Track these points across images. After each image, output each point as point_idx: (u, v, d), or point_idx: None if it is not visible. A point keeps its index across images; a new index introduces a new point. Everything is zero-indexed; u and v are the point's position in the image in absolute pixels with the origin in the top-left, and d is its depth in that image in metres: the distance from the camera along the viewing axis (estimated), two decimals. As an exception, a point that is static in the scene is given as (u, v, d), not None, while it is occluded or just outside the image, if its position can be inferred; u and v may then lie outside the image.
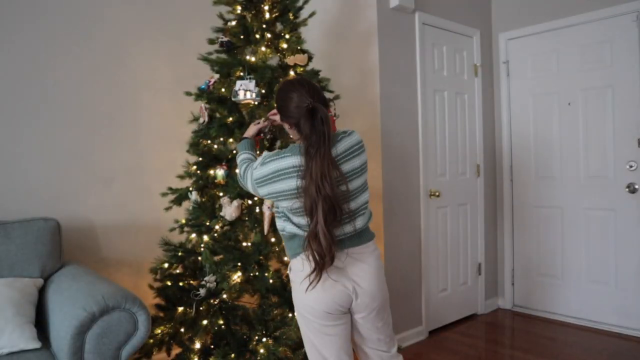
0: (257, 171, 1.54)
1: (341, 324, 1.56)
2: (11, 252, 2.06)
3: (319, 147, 1.40)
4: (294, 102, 1.50)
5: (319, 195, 1.39)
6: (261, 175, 1.52)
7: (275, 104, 1.63)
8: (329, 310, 1.51)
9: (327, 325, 1.54)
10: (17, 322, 1.82)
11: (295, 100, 1.50)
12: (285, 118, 1.56)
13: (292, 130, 1.57)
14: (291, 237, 1.57)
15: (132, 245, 2.72)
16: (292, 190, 1.46)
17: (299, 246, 1.53)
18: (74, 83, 2.55)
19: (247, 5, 2.27)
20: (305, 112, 1.44)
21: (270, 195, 1.53)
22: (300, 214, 1.49)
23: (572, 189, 3.39)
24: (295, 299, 1.62)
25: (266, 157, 1.53)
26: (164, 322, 2.22)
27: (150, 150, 2.81)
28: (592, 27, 3.23)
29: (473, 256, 3.60)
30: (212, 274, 2.08)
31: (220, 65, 2.22)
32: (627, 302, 3.15)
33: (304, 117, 1.44)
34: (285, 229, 1.57)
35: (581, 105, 3.32)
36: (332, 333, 1.55)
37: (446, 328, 3.35)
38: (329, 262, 1.42)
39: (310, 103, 1.46)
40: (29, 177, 2.40)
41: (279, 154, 1.51)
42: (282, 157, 1.49)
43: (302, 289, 1.51)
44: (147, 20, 2.81)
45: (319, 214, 1.39)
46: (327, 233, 1.40)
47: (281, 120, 1.60)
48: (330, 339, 1.55)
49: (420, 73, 3.14)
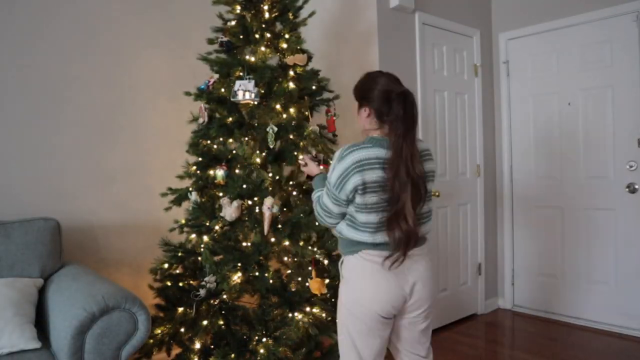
0: (334, 173, 1.51)
1: (387, 328, 1.57)
2: (11, 252, 2.06)
3: (410, 129, 1.44)
4: (380, 85, 1.53)
5: (408, 175, 1.43)
6: (341, 171, 1.48)
7: (356, 89, 1.64)
8: (382, 313, 1.51)
9: (374, 328, 1.53)
10: (17, 322, 1.82)
11: (383, 84, 1.53)
12: (367, 103, 1.57)
13: (369, 117, 1.57)
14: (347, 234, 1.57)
15: (132, 245, 2.72)
16: (378, 181, 1.45)
17: (357, 244, 1.53)
18: (73, 83, 2.55)
19: (246, 5, 2.27)
20: (397, 96, 1.47)
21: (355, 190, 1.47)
22: (374, 209, 1.48)
23: (572, 189, 3.39)
24: (345, 296, 1.58)
25: (343, 152, 1.51)
26: (164, 322, 2.22)
27: (150, 151, 2.81)
28: (592, 27, 3.23)
29: (473, 256, 3.60)
30: (212, 274, 2.08)
31: (219, 65, 2.22)
32: (627, 302, 3.15)
33: (396, 101, 1.46)
34: (341, 232, 1.58)
35: (581, 105, 3.32)
36: (377, 336, 1.55)
37: (446, 328, 3.35)
38: (413, 243, 1.46)
39: (403, 88, 1.51)
40: (29, 177, 2.40)
41: (358, 145, 1.50)
42: (362, 147, 1.49)
43: (358, 288, 1.53)
44: (146, 20, 2.81)
45: (407, 193, 1.43)
46: (414, 213, 1.44)
47: (360, 107, 1.61)
48: (374, 341, 1.55)
49: (420, 73, 3.14)
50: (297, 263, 2.24)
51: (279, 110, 2.17)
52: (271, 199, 2.06)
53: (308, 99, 2.29)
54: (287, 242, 2.12)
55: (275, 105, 2.14)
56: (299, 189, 2.31)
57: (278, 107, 2.15)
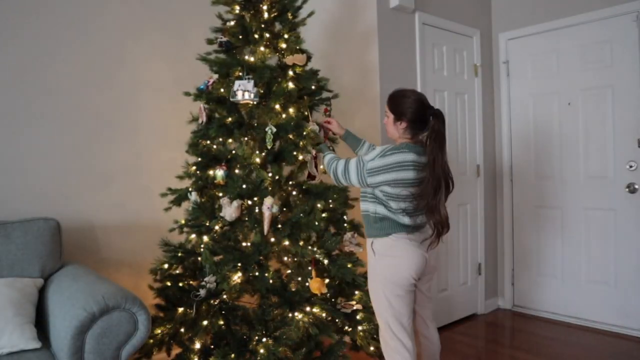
0: (373, 162, 1.84)
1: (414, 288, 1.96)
2: (11, 252, 2.06)
3: (444, 142, 1.85)
4: (417, 103, 1.89)
5: (442, 176, 1.82)
6: (379, 165, 1.82)
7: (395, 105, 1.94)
8: (415, 276, 1.88)
9: (407, 290, 1.90)
10: (17, 322, 1.82)
11: (422, 106, 1.90)
12: (403, 117, 1.90)
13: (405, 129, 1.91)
14: (381, 219, 1.90)
15: (132, 246, 2.73)
16: (409, 179, 1.82)
17: (390, 227, 1.89)
18: (73, 83, 2.55)
19: (245, 5, 2.27)
20: (434, 113, 1.87)
21: (385, 182, 1.82)
22: (407, 199, 1.86)
23: (572, 189, 3.39)
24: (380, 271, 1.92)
25: (385, 151, 1.84)
26: (164, 322, 2.22)
27: (149, 151, 2.82)
28: (592, 27, 3.23)
29: (473, 256, 3.60)
30: (212, 274, 2.08)
31: (219, 65, 2.22)
32: (627, 302, 3.15)
33: (434, 117, 1.86)
34: (377, 211, 1.90)
35: (581, 105, 3.32)
36: (409, 295, 1.92)
37: (446, 328, 3.35)
38: (446, 230, 1.86)
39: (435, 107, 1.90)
40: (29, 177, 2.40)
41: (398, 149, 1.84)
42: (402, 151, 1.84)
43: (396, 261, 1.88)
44: (146, 21, 2.81)
45: (441, 192, 1.83)
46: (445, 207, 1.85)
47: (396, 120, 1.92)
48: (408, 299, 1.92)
49: (420, 73, 3.14)
50: (297, 263, 2.24)
51: (278, 110, 2.17)
52: (271, 198, 2.07)
53: (307, 99, 2.29)
54: (287, 242, 2.12)
55: (274, 105, 2.14)
56: (299, 188, 2.31)
57: (277, 107, 2.15)
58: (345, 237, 2.23)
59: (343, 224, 2.31)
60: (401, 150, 1.84)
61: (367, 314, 2.23)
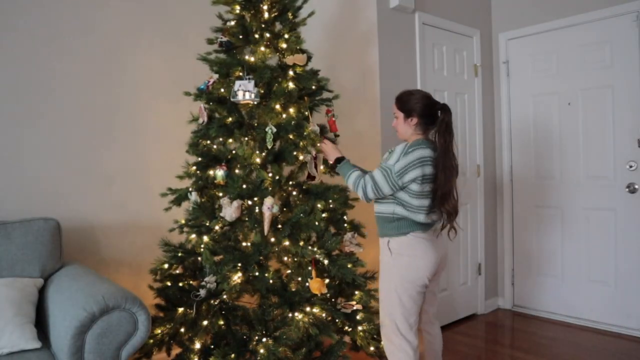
0: (399, 163, 1.88)
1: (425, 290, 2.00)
2: (11, 252, 2.06)
3: (452, 134, 1.93)
4: (428, 101, 1.98)
5: (453, 167, 1.91)
6: (405, 164, 1.86)
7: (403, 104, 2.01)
8: (429, 276, 1.94)
9: (419, 291, 1.95)
10: (17, 322, 1.82)
11: (430, 101, 1.99)
12: (414, 112, 1.97)
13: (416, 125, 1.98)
14: (399, 219, 1.95)
15: (132, 246, 2.73)
16: (431, 174, 1.89)
17: (407, 226, 1.94)
18: (73, 83, 2.55)
19: (246, 5, 2.27)
20: (442, 107, 1.97)
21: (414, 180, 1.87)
22: (426, 195, 1.91)
23: (572, 189, 3.39)
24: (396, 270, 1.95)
25: (408, 148, 1.89)
26: (164, 322, 2.22)
27: (149, 151, 2.82)
28: (592, 27, 3.23)
29: (473, 256, 3.60)
30: (212, 274, 2.08)
31: (219, 65, 2.22)
32: (627, 302, 3.15)
33: (443, 112, 1.95)
34: (395, 212, 1.95)
35: (581, 105, 3.32)
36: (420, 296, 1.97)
37: (446, 328, 3.35)
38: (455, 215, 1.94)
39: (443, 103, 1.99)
40: (29, 177, 2.40)
41: (418, 145, 1.90)
42: (420, 147, 1.89)
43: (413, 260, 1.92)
44: (146, 21, 2.81)
45: (453, 179, 1.91)
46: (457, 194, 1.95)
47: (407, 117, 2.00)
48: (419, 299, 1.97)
49: (420, 73, 3.14)
50: (297, 263, 2.24)
51: (278, 110, 2.17)
52: (271, 199, 2.06)
53: (308, 99, 2.29)
54: (287, 242, 2.12)
55: (274, 105, 2.14)
56: (299, 188, 2.30)
57: (278, 107, 2.15)
58: (345, 237, 2.23)
59: (343, 224, 2.31)
60: (420, 146, 1.90)
61: (367, 314, 2.23)
